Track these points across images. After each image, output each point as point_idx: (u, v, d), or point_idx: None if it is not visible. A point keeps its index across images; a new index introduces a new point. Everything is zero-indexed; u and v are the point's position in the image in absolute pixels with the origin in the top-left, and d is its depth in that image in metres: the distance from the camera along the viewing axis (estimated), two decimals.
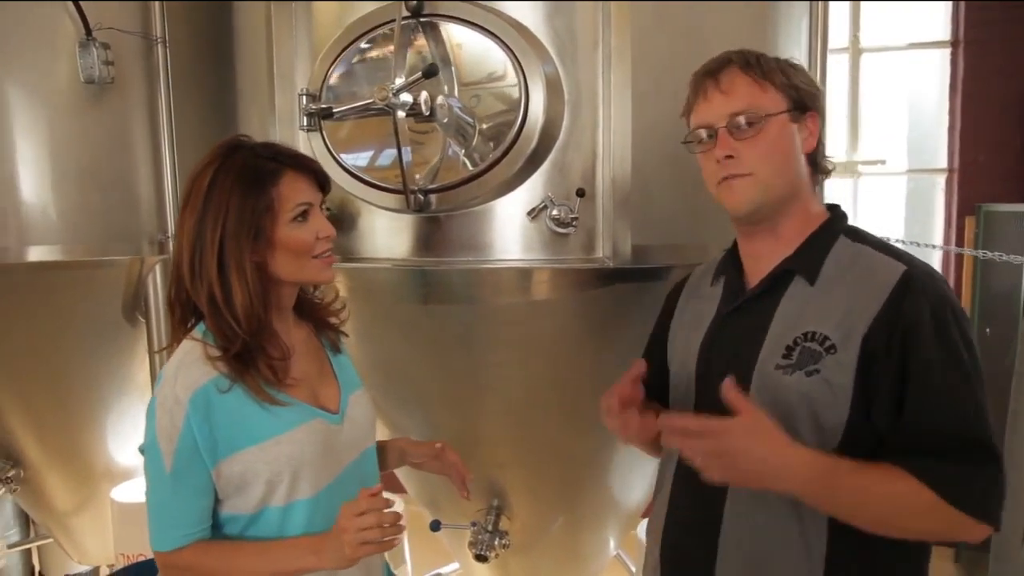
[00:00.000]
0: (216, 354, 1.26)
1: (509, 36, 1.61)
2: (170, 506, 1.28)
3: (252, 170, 1.27)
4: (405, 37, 1.63)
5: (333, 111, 1.63)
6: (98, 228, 2.31)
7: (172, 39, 2.35)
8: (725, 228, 1.36)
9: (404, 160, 1.59)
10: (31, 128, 2.23)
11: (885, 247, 1.25)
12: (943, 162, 3.93)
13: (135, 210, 2.37)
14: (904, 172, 4.12)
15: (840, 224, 1.29)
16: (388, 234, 1.79)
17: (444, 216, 1.73)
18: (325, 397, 1.40)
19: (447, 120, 1.64)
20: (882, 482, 1.11)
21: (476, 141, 1.67)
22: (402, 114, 1.55)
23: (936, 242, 3.95)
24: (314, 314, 1.47)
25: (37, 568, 3.58)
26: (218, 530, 1.33)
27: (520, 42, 1.61)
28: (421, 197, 1.66)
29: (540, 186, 1.68)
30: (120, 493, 2.65)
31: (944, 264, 3.98)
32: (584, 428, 2.04)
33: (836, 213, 1.31)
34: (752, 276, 1.32)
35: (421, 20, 1.65)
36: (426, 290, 1.85)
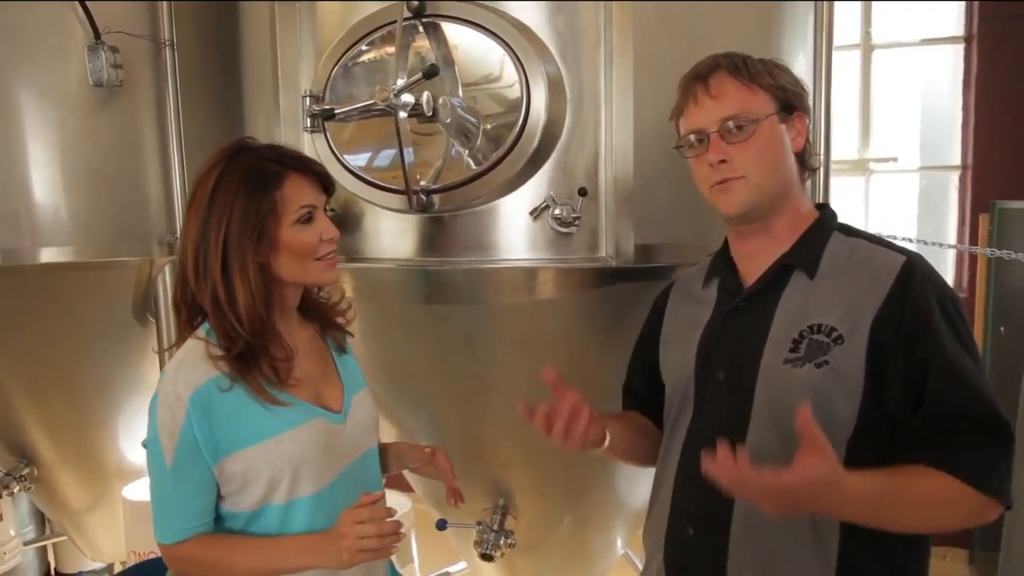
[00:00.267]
0: (218, 353, 1.27)
1: (510, 36, 1.61)
2: (172, 500, 1.30)
3: (256, 172, 1.28)
4: (406, 38, 1.63)
5: (335, 112, 1.63)
6: (108, 229, 2.33)
7: (180, 42, 2.36)
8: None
9: (406, 160, 1.60)
10: (43, 131, 2.25)
11: (879, 241, 1.28)
12: (956, 159, 3.88)
13: (144, 211, 2.39)
14: (916, 169, 4.07)
15: (832, 221, 1.32)
16: (392, 234, 1.80)
17: (448, 216, 1.73)
18: (328, 397, 1.41)
19: (450, 120, 1.64)
20: (923, 486, 1.13)
21: (480, 141, 1.67)
22: (404, 115, 1.56)
23: (950, 240, 3.90)
24: (320, 314, 1.48)
25: (53, 565, 3.63)
26: (221, 523, 1.34)
27: (521, 42, 1.61)
28: (424, 197, 1.66)
29: (543, 186, 1.68)
30: (131, 491, 2.68)
31: (958, 263, 3.93)
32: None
33: (826, 211, 1.33)
34: (748, 275, 1.32)
35: (423, 21, 1.65)
36: (430, 290, 1.85)
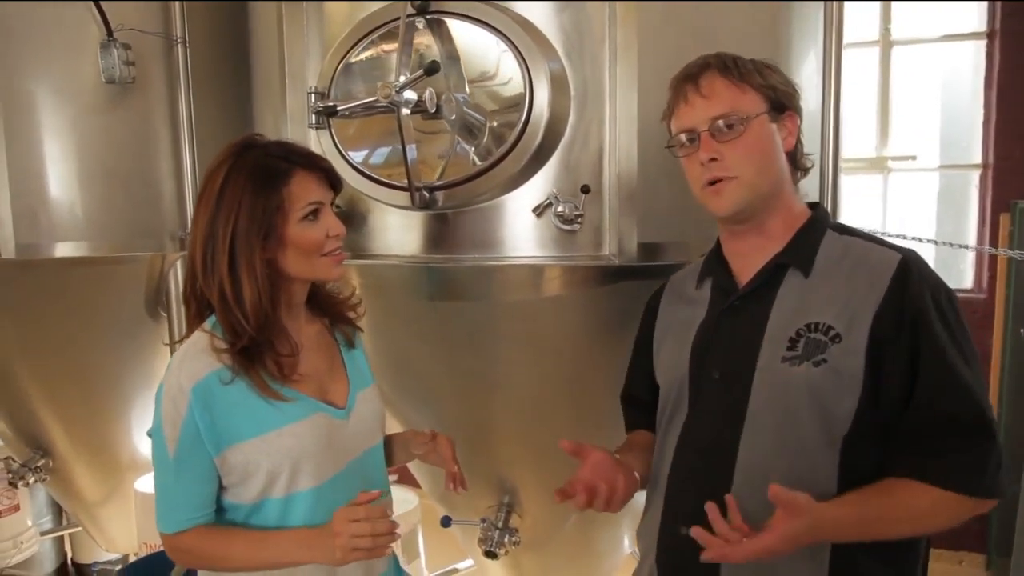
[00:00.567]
0: (222, 346, 1.29)
1: (514, 32, 1.61)
2: (173, 490, 1.31)
3: (263, 169, 1.29)
4: (410, 34, 1.63)
5: (338, 109, 1.64)
6: (121, 225, 2.35)
7: (192, 39, 2.38)
8: None
9: (409, 157, 1.60)
10: (58, 128, 2.28)
11: (873, 239, 1.27)
12: (977, 158, 3.82)
13: (157, 207, 2.41)
14: (936, 168, 4.01)
15: (826, 220, 1.31)
16: (396, 231, 1.80)
17: (452, 213, 1.73)
18: (333, 392, 1.42)
19: (454, 117, 1.64)
20: (905, 501, 1.16)
21: (486, 138, 1.67)
22: (406, 111, 1.56)
23: (970, 241, 3.84)
24: (329, 309, 1.49)
25: (69, 555, 3.68)
26: (223, 515, 1.35)
27: (525, 38, 1.60)
28: (427, 194, 1.66)
29: (546, 183, 1.67)
30: (143, 484, 2.71)
31: (977, 263, 3.87)
32: (594, 424, 2.02)
33: (819, 211, 1.32)
34: (741, 274, 1.32)
35: (427, 17, 1.65)
36: (434, 287, 1.85)
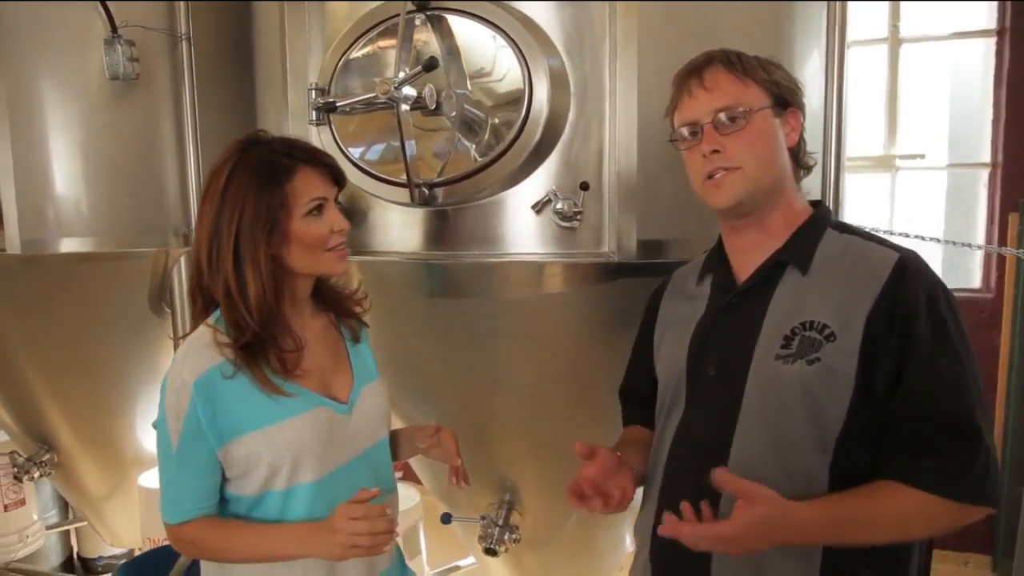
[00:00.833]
0: (225, 341, 1.30)
1: (514, 29, 1.61)
2: (177, 482, 1.33)
3: (267, 165, 1.29)
4: (409, 31, 1.63)
5: (337, 105, 1.64)
6: (126, 221, 2.37)
7: (196, 36, 2.38)
8: None
9: (408, 153, 1.60)
10: (63, 124, 2.29)
11: (873, 237, 1.26)
12: (986, 156, 3.78)
13: (161, 203, 2.42)
14: (944, 167, 3.98)
15: (826, 218, 1.31)
16: (396, 227, 1.80)
17: (451, 210, 1.73)
18: (336, 387, 1.42)
19: (455, 114, 1.64)
20: (884, 504, 1.14)
21: (487, 135, 1.67)
22: (406, 108, 1.56)
23: (978, 240, 3.82)
24: (335, 303, 1.50)
25: (75, 549, 3.70)
26: (226, 506, 1.37)
27: (525, 35, 1.60)
28: (426, 191, 1.66)
29: (546, 180, 1.67)
30: (147, 479, 2.72)
31: (985, 263, 3.84)
32: (595, 421, 2.02)
33: (821, 208, 1.32)
34: (741, 271, 1.31)
35: (427, 14, 1.65)
36: (434, 283, 1.85)
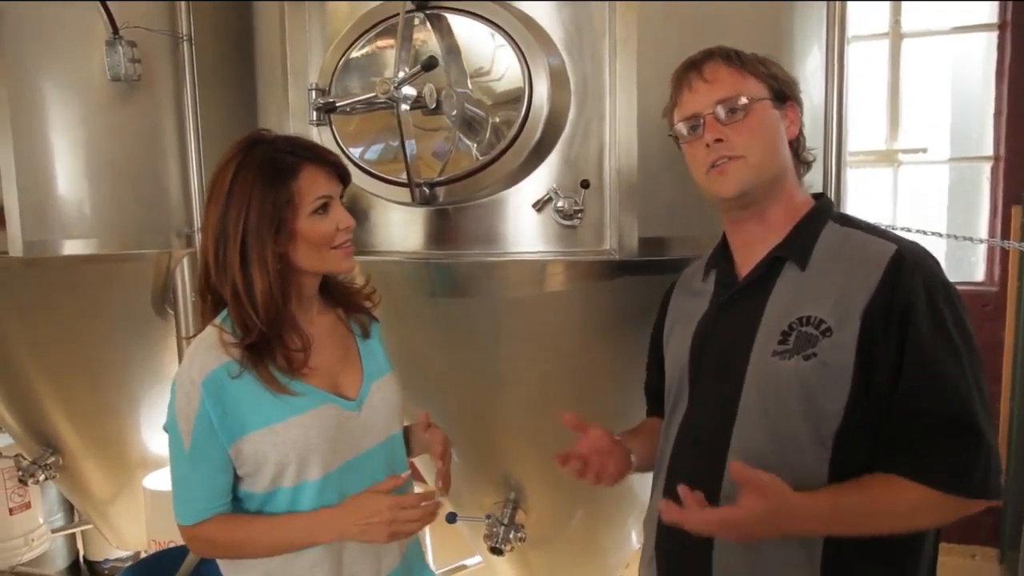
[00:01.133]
0: (231, 341, 1.30)
1: (513, 28, 1.60)
2: (190, 482, 1.34)
3: (272, 164, 1.30)
4: (409, 30, 1.63)
5: (337, 105, 1.64)
6: (128, 222, 2.37)
7: (197, 37, 2.39)
8: None
9: (408, 153, 1.60)
10: (65, 125, 2.29)
11: (874, 230, 1.26)
12: (988, 150, 3.78)
13: (163, 204, 2.42)
14: (947, 161, 3.97)
15: (828, 211, 1.30)
16: (397, 227, 1.80)
17: (452, 209, 1.73)
18: (345, 384, 1.43)
19: (455, 113, 1.64)
20: (884, 496, 1.14)
21: (487, 133, 1.67)
22: (405, 107, 1.56)
23: (981, 234, 3.81)
24: (344, 299, 1.50)
25: (81, 552, 3.71)
26: (239, 504, 1.38)
27: (524, 34, 1.60)
28: (426, 190, 1.66)
29: (547, 178, 1.67)
30: (152, 481, 2.73)
31: (988, 256, 3.84)
32: (597, 419, 2.01)
33: (823, 201, 1.31)
34: (743, 266, 1.32)
35: (427, 12, 1.65)
36: (436, 283, 1.85)
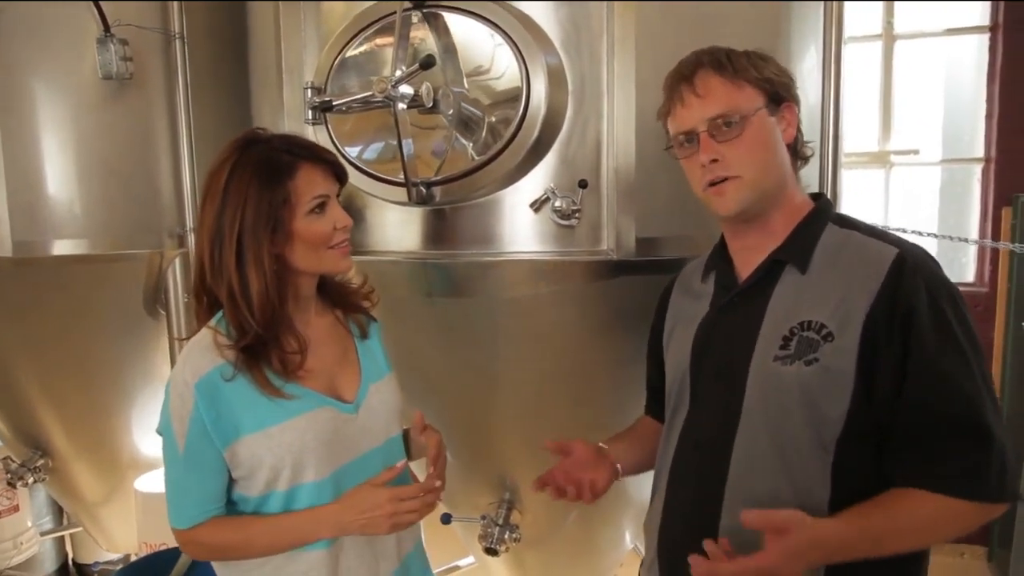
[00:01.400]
0: (226, 343, 1.29)
1: (511, 26, 1.60)
2: (185, 485, 1.32)
3: (268, 163, 1.28)
4: (406, 29, 1.62)
5: (333, 104, 1.63)
6: (120, 222, 2.35)
7: (190, 35, 2.37)
8: None
9: (405, 152, 1.58)
10: (55, 124, 2.27)
11: (874, 232, 1.24)
12: (979, 151, 3.81)
13: (155, 204, 2.40)
14: (938, 162, 4.00)
15: (828, 212, 1.28)
16: (393, 227, 1.79)
17: (449, 209, 1.72)
18: (342, 386, 1.41)
19: (452, 112, 1.63)
20: (910, 513, 1.13)
21: (484, 133, 1.66)
22: (403, 106, 1.55)
23: (971, 234, 3.83)
24: (342, 300, 1.48)
25: (70, 555, 3.68)
26: (234, 507, 1.36)
27: (522, 32, 1.59)
28: (423, 190, 1.65)
29: (544, 178, 1.66)
30: (143, 483, 2.70)
31: (979, 257, 3.86)
32: (594, 420, 2.02)
33: (822, 201, 1.30)
34: (743, 269, 1.31)
35: (424, 11, 1.64)
36: (432, 283, 1.84)
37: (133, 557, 3.15)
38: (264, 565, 1.35)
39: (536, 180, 1.66)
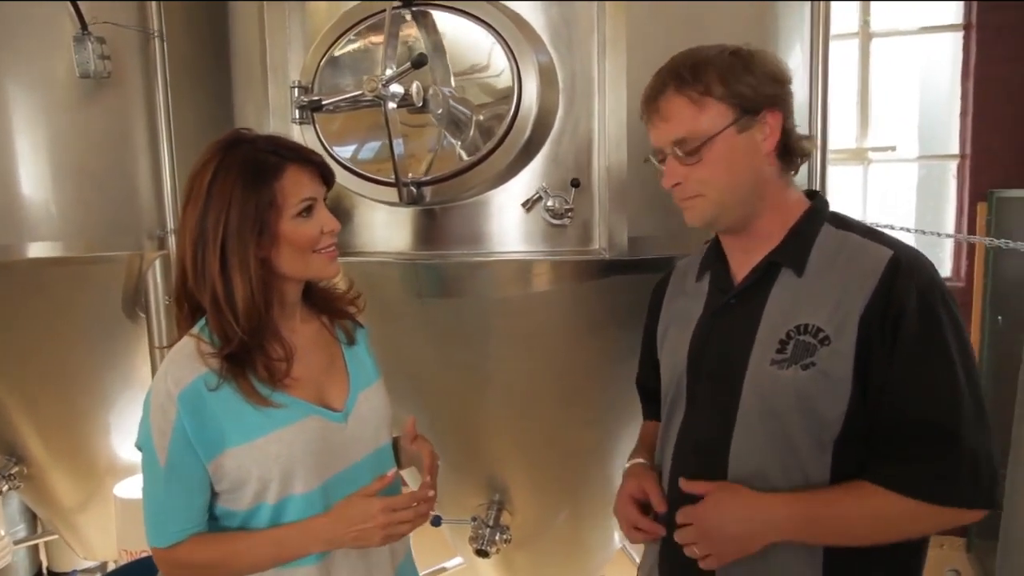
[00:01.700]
0: (209, 351, 1.25)
1: (501, 25, 1.58)
2: (165, 501, 1.26)
3: (253, 164, 1.24)
4: (396, 27, 1.60)
5: (323, 103, 1.60)
6: (97, 224, 2.31)
7: (169, 34, 2.33)
8: None
9: (396, 152, 1.56)
10: (31, 124, 2.24)
11: (871, 233, 1.23)
12: (955, 148, 3.86)
13: (134, 205, 2.36)
14: (915, 159, 4.05)
15: (823, 212, 1.27)
16: (383, 227, 1.77)
17: (439, 209, 1.71)
18: (330, 394, 1.37)
19: (441, 111, 1.61)
20: (861, 504, 1.14)
21: (473, 132, 1.64)
22: (392, 105, 1.53)
23: (948, 230, 3.89)
24: (328, 305, 1.45)
25: (44, 564, 3.60)
26: (217, 523, 1.31)
27: (512, 30, 1.58)
28: (414, 190, 1.63)
29: (535, 177, 1.65)
30: (122, 489, 2.65)
31: (956, 252, 3.92)
32: (585, 420, 2.02)
33: (817, 201, 1.27)
34: (738, 270, 1.30)
35: (413, 9, 1.62)
36: (423, 283, 1.82)
37: (112, 565, 3.10)
38: None
39: (527, 179, 1.65)
